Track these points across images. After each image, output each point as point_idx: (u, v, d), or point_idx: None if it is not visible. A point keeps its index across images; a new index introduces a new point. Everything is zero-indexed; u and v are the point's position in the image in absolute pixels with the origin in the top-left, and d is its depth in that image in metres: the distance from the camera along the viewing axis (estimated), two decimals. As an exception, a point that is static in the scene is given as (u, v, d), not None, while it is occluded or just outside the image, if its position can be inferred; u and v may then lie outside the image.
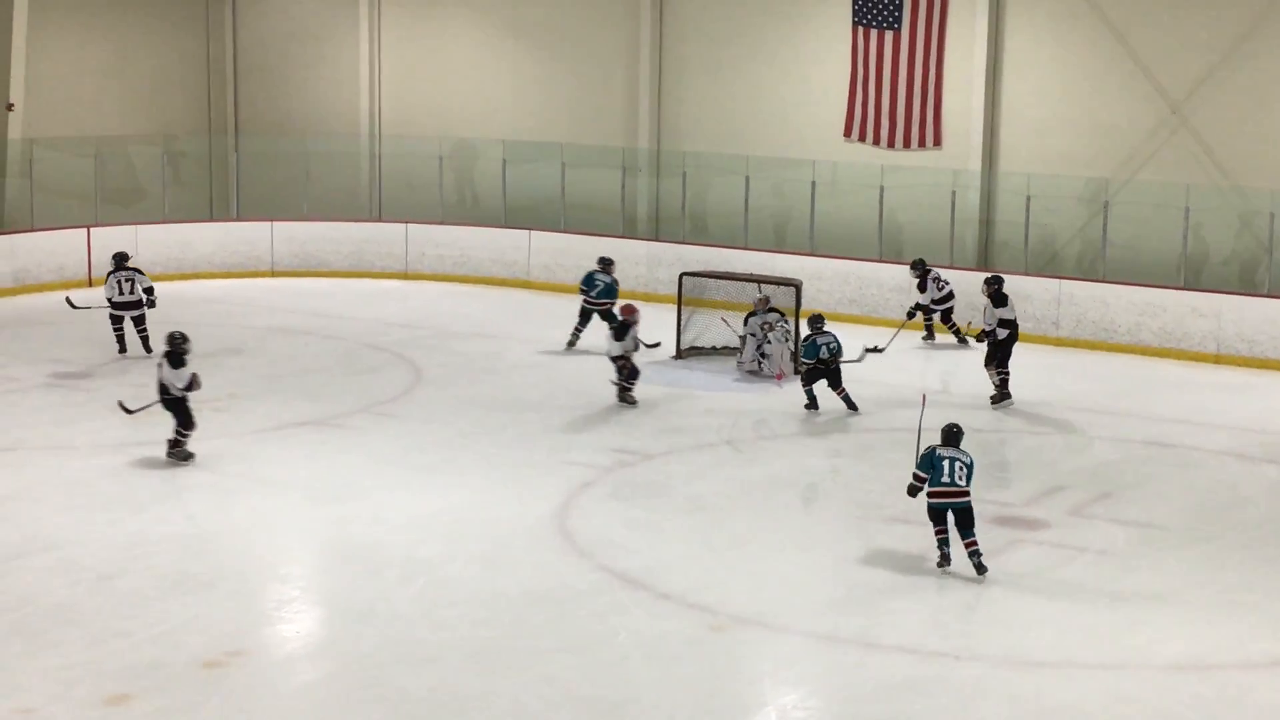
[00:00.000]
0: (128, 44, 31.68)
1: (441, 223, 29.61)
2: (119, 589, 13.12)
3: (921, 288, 24.15)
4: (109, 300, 21.90)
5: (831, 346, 19.33)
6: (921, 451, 14.10)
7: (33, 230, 27.71)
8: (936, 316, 24.23)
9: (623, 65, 29.66)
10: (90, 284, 27.36)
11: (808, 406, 19.53)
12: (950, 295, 24.00)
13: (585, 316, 22.60)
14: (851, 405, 19.44)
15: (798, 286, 22.27)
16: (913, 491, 14.13)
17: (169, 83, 32.37)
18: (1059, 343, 24.20)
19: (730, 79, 28.93)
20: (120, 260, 22.15)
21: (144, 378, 20.44)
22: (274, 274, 28.97)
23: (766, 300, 21.71)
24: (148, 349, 21.68)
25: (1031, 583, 13.82)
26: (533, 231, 28.67)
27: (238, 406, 19.25)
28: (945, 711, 11.22)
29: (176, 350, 16.90)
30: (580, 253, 27.32)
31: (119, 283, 21.92)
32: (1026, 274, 24.88)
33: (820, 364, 19.34)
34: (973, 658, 12.13)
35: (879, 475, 17.04)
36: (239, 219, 30.15)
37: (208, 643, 12.06)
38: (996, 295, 20.58)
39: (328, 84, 32.61)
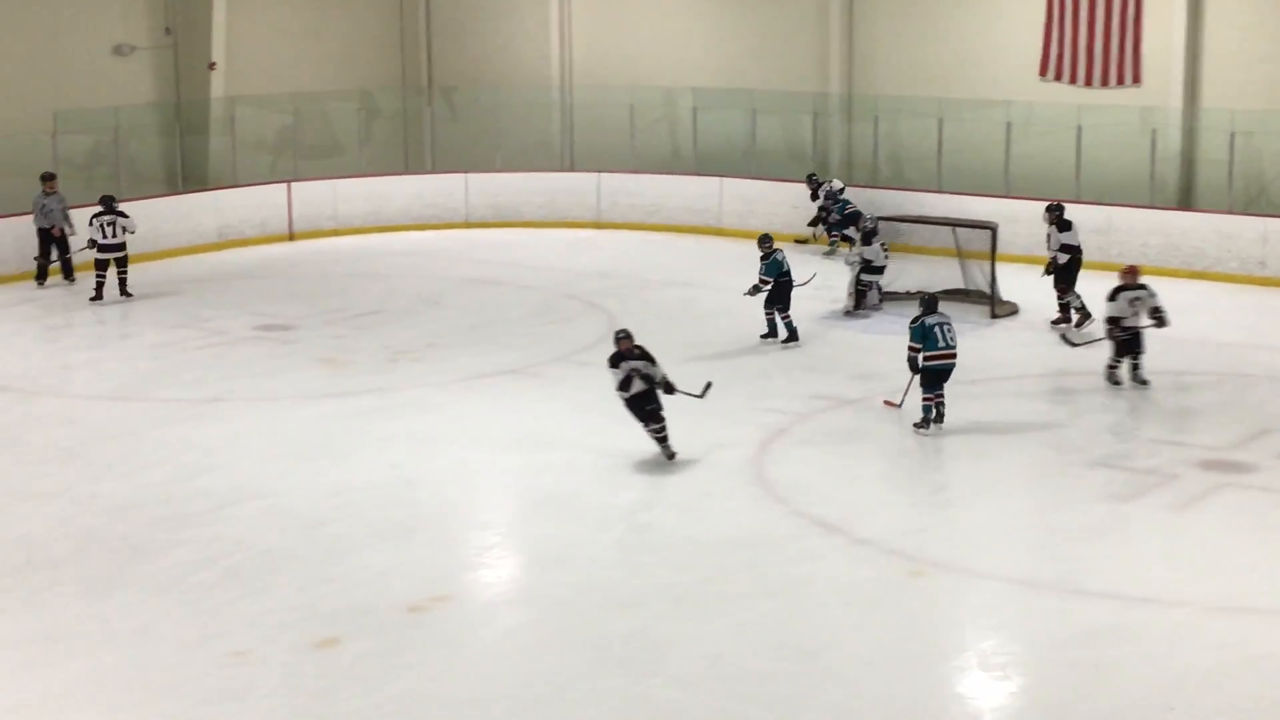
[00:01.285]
0: (325, 2, 32.17)
1: (633, 171, 29.68)
2: (325, 536, 13.44)
3: (814, 197, 26.49)
4: (92, 243, 22.93)
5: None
6: (910, 325, 16.22)
7: (236, 186, 28.39)
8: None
9: (813, 9, 29.39)
10: (291, 238, 28.00)
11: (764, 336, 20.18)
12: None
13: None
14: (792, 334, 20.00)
15: (993, 230, 21.96)
16: (913, 364, 16.06)
17: (364, 39, 32.84)
18: (1265, 282, 23.54)
19: (922, 20, 28.53)
20: (107, 203, 23.09)
21: (345, 330, 20.91)
22: (468, 225, 29.32)
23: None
24: (125, 293, 22.99)
25: (1239, 527, 13.53)
26: (724, 179, 28.61)
27: (436, 356, 19.55)
28: (1149, 658, 11.04)
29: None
30: (773, 199, 27.26)
31: (103, 226, 22.92)
32: (1231, 212, 24.25)
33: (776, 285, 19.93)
34: (1178, 603, 11.92)
35: (1078, 419, 16.78)
36: (434, 172, 30.54)
37: (412, 588, 12.31)
38: (1060, 221, 20.81)
39: (520, 36, 32.81)
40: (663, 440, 15.25)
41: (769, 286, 19.85)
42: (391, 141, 32.41)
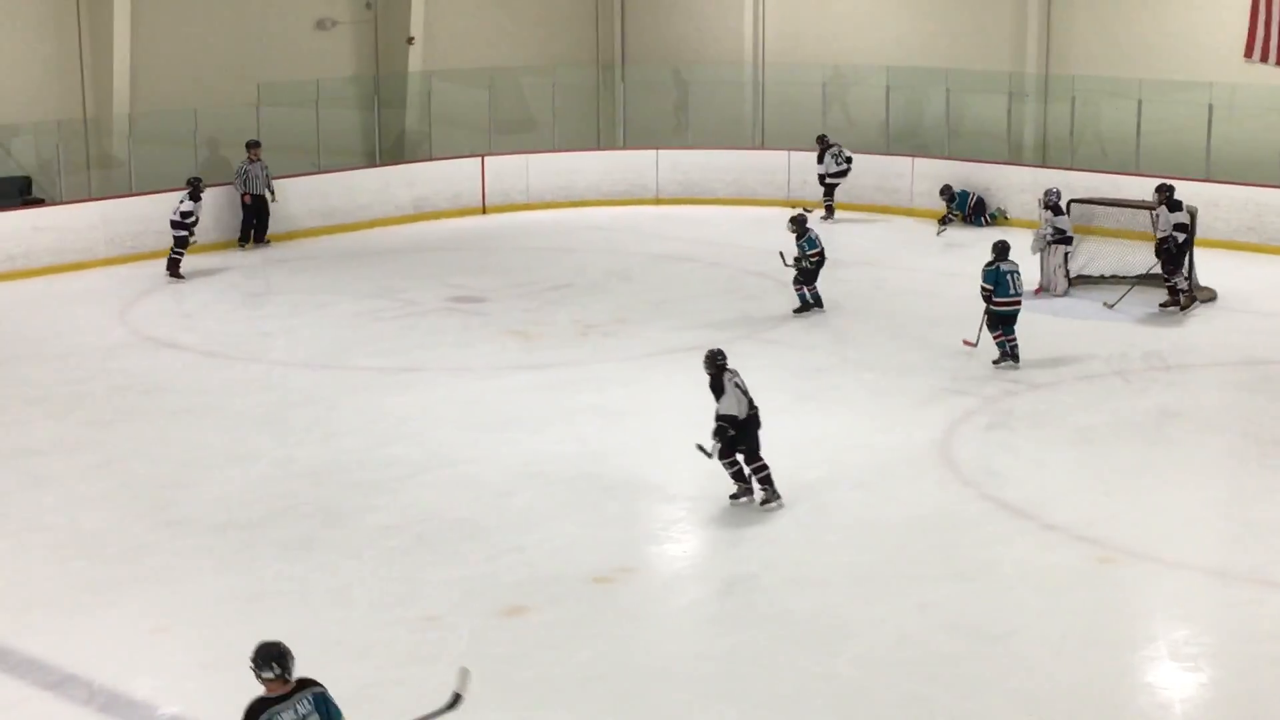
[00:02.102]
0: (520, -23, 32.51)
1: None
2: (514, 506, 13.64)
3: (820, 159, 27.22)
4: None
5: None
6: (984, 268, 17.60)
7: (430, 160, 28.83)
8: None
9: (1010, -13, 29.02)
10: (484, 211, 28.34)
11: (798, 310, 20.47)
12: (846, 171, 27.11)
13: None
14: (818, 302, 20.50)
15: (1192, 214, 21.50)
16: (986, 297, 17.51)
17: (559, 15, 33.10)
18: None
19: (1121, 0, 28.01)
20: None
21: (535, 303, 21.14)
22: (658, 201, 29.43)
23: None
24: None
25: None
26: (915, 159, 28.37)
27: (625, 331, 19.69)
28: (1348, 655, 10.81)
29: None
30: (966, 180, 26.94)
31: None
32: None
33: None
34: (1378, 600, 11.64)
35: (1277, 408, 16.42)
36: (625, 148, 30.70)
37: (598, 560, 12.46)
38: (1170, 201, 20.38)
39: (713, 13, 32.80)
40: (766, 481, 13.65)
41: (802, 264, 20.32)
42: (584, 117, 32.63)
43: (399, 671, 10.53)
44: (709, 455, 13.45)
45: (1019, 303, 17.66)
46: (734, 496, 13.63)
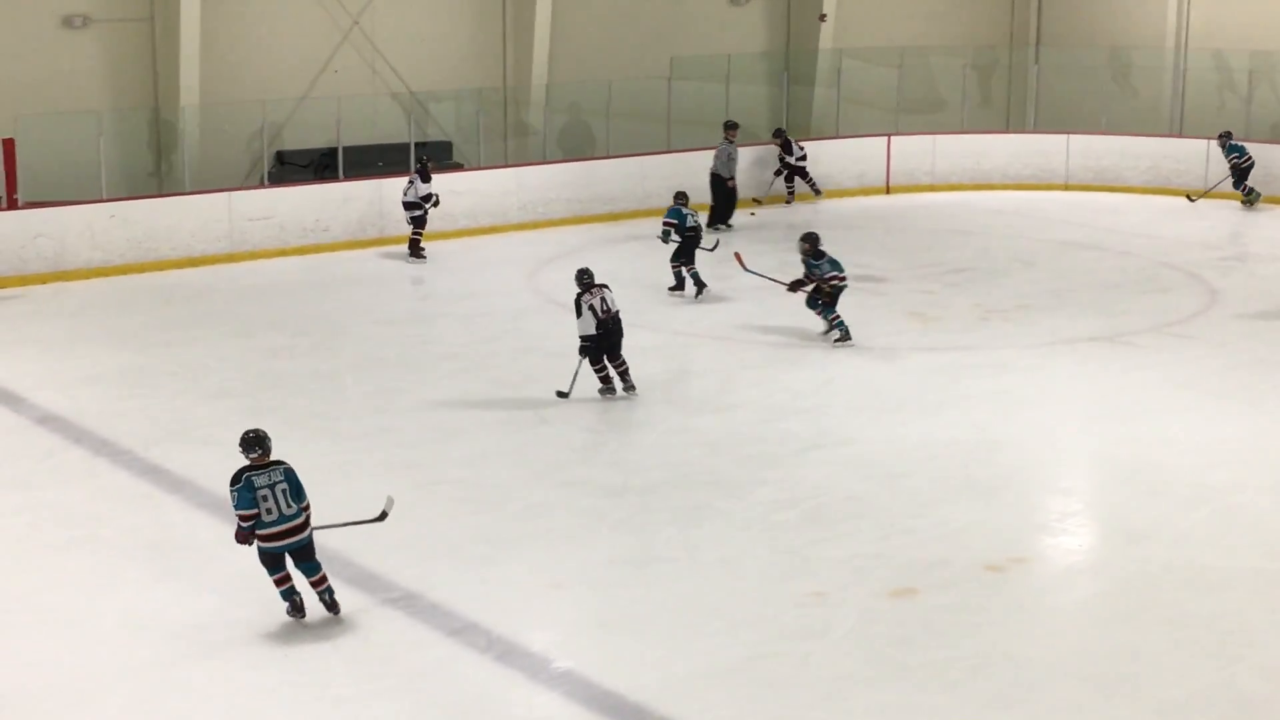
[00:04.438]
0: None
1: (1248, 140, 28.32)
2: (907, 487, 13.55)
3: (789, 150, 26.68)
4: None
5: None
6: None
7: (837, 137, 28.82)
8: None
9: None
10: (888, 191, 28.20)
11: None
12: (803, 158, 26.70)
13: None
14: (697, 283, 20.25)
15: None
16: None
17: (978, -8, 32.68)
18: None
19: None
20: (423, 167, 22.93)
21: (936, 285, 20.90)
22: (1067, 188, 28.75)
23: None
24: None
25: None
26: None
27: (1027, 318, 19.33)
28: None
29: None
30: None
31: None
32: None
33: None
34: None
35: None
36: (1035, 131, 30.09)
37: (990, 547, 12.27)
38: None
39: (1135, -5, 31.87)
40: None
41: (678, 240, 20.29)
42: (994, 98, 32.12)
43: (787, 644, 10.58)
44: (564, 396, 15.68)
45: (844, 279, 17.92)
46: (601, 392, 15.84)
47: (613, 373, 15.95)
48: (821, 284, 18.05)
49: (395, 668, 10.24)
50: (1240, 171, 26.37)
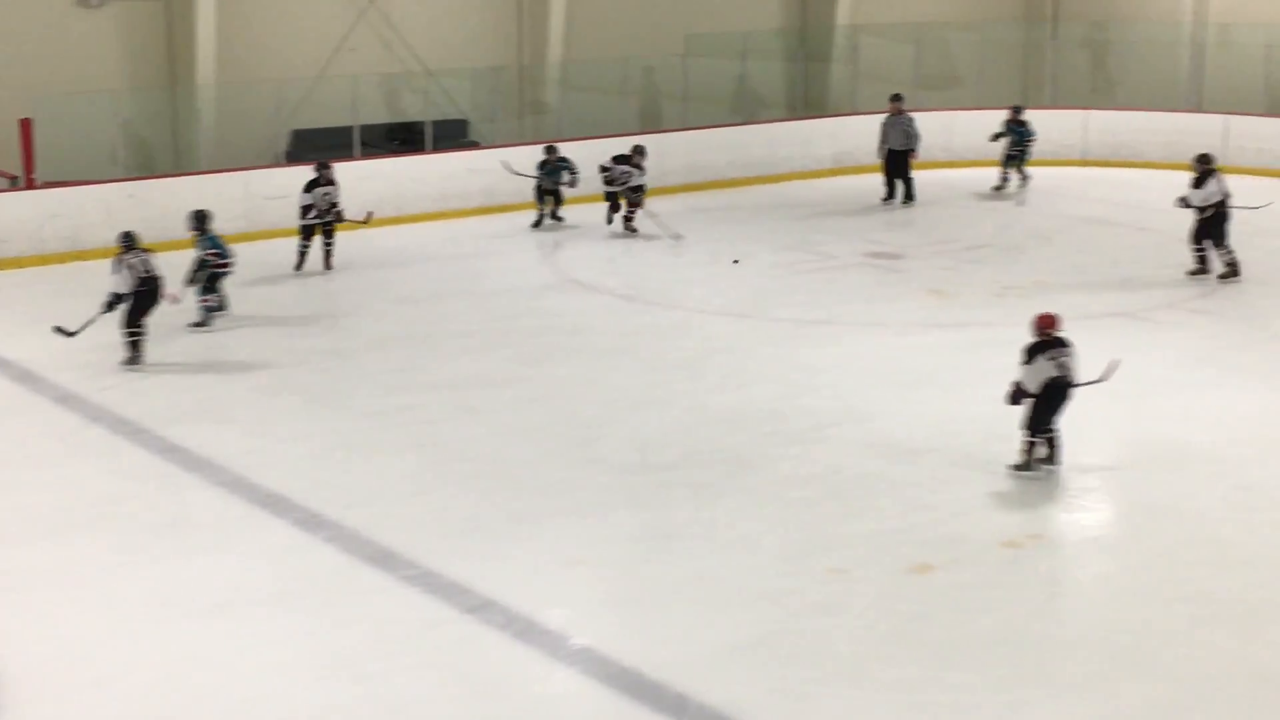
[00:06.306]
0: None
1: (1265, 115, 28.24)
2: (925, 464, 13.53)
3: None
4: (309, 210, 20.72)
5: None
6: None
7: (854, 114, 28.75)
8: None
9: None
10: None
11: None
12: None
13: None
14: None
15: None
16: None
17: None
18: None
19: None
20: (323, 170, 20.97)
21: (954, 261, 20.89)
22: (1085, 163, 28.64)
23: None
24: (329, 265, 20.83)
25: None
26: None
27: (1044, 294, 19.26)
28: None
29: None
30: None
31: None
32: None
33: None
34: None
35: None
36: (1052, 106, 29.98)
37: (1007, 523, 12.29)
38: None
39: (1152, -31, 31.73)
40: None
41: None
42: (1010, 74, 31.99)
43: (806, 621, 10.60)
44: (67, 334, 16.50)
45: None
46: (126, 362, 16.34)
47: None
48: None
49: (415, 645, 10.27)
50: (1018, 153, 25.96)
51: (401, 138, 25.58)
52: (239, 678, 9.89)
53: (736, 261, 20.12)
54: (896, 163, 25.17)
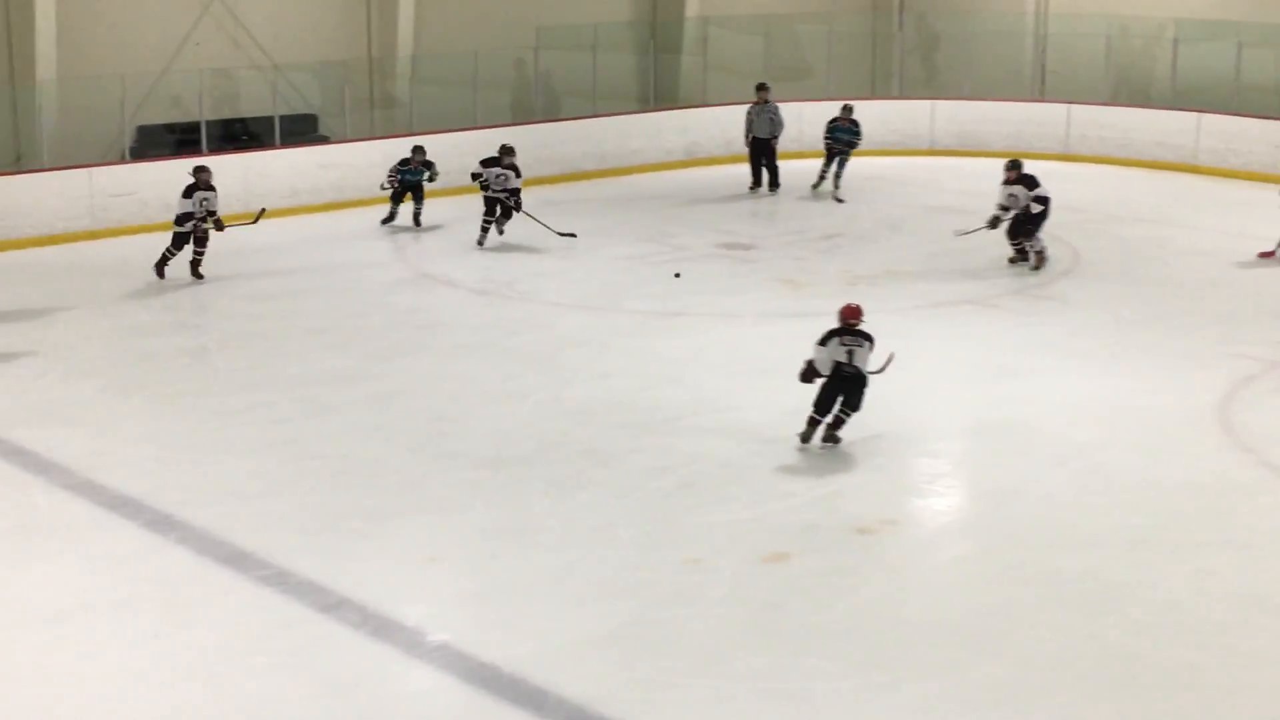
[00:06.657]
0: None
1: (1105, 104, 28.80)
2: (780, 453, 13.61)
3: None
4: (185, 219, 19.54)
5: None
6: None
7: (704, 106, 28.86)
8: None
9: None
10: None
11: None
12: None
13: None
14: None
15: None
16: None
17: (837, -38, 32.81)
18: None
19: None
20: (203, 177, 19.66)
21: (805, 251, 21.07)
22: (933, 152, 29.03)
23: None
24: (197, 274, 19.70)
25: None
26: (1202, 114, 27.44)
27: (895, 282, 19.52)
28: None
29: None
30: (1254, 136, 26.03)
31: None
32: None
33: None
34: None
35: None
36: (900, 97, 30.35)
37: (861, 510, 12.41)
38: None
39: (994, -37, 32.21)
40: None
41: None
42: (859, 65, 32.31)
43: (663, 610, 10.62)
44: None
45: None
46: None
47: None
48: None
49: (268, 645, 10.15)
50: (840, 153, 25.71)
51: (249, 133, 25.24)
52: (84, 684, 9.69)
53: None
54: (762, 151, 25.35)
